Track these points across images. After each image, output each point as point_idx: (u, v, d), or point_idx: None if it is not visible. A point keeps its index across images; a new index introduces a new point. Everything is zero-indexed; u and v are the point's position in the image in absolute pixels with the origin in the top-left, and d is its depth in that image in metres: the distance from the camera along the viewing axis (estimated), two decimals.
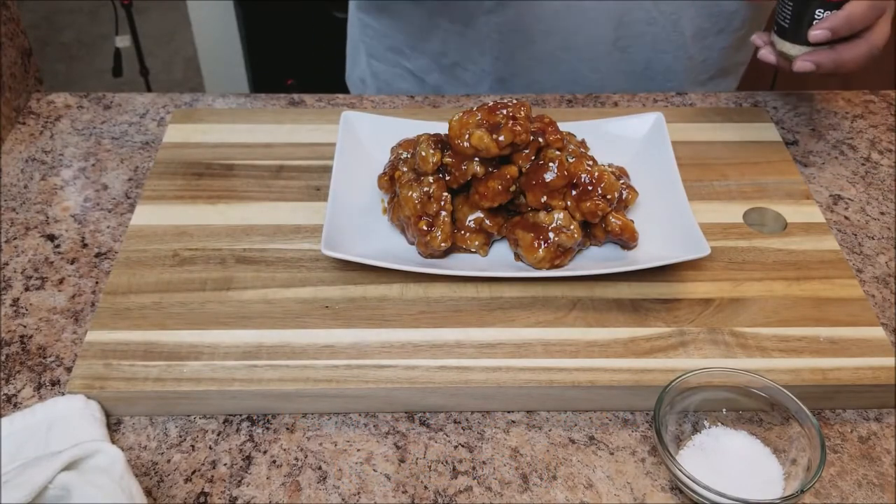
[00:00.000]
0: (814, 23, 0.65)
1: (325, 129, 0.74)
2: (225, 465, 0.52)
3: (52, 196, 0.71)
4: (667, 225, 0.64)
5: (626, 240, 0.62)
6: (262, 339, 0.57)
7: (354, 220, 0.65)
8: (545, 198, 0.61)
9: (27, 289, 0.63)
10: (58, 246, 0.66)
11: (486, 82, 0.88)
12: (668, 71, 0.87)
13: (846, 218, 0.70)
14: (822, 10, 0.64)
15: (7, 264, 0.65)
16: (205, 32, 1.97)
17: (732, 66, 0.92)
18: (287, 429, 0.55)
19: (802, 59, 0.67)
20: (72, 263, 0.65)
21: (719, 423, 0.53)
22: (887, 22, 0.67)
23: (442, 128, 0.64)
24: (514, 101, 0.61)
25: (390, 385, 0.54)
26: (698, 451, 0.52)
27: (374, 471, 0.52)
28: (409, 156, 0.65)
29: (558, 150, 0.62)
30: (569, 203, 0.61)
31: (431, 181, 0.62)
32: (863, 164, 0.75)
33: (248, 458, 0.53)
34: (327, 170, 0.68)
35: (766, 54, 0.71)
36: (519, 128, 0.59)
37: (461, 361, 0.55)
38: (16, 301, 0.62)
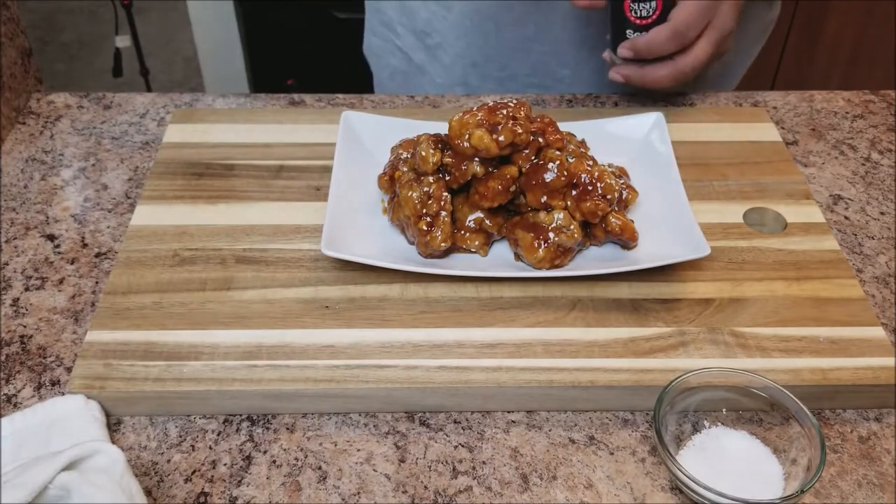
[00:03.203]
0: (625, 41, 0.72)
1: (325, 129, 0.74)
2: (225, 465, 0.53)
3: (52, 196, 0.71)
4: (667, 225, 0.64)
5: (626, 240, 0.62)
6: (262, 339, 0.57)
7: (354, 220, 0.65)
8: (545, 198, 0.61)
9: (27, 289, 0.63)
10: (58, 246, 0.66)
11: (460, 65, 0.89)
12: None
13: (846, 218, 0.70)
14: (631, 32, 0.71)
15: (7, 264, 0.65)
16: (205, 32, 1.97)
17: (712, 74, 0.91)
18: (287, 429, 0.55)
19: (615, 70, 0.74)
20: (72, 263, 0.65)
21: (719, 423, 0.53)
22: (703, 47, 0.70)
23: (442, 128, 0.64)
24: (515, 102, 0.61)
25: (390, 385, 0.54)
26: (698, 451, 0.52)
27: (374, 471, 0.52)
28: (409, 156, 0.65)
29: (558, 150, 0.62)
30: (569, 203, 0.61)
31: (431, 181, 0.62)
32: (863, 164, 0.75)
33: (248, 458, 0.53)
34: (327, 170, 0.68)
35: (613, 74, 0.75)
36: (519, 128, 0.59)
37: (461, 361, 0.55)
38: (16, 301, 0.62)
